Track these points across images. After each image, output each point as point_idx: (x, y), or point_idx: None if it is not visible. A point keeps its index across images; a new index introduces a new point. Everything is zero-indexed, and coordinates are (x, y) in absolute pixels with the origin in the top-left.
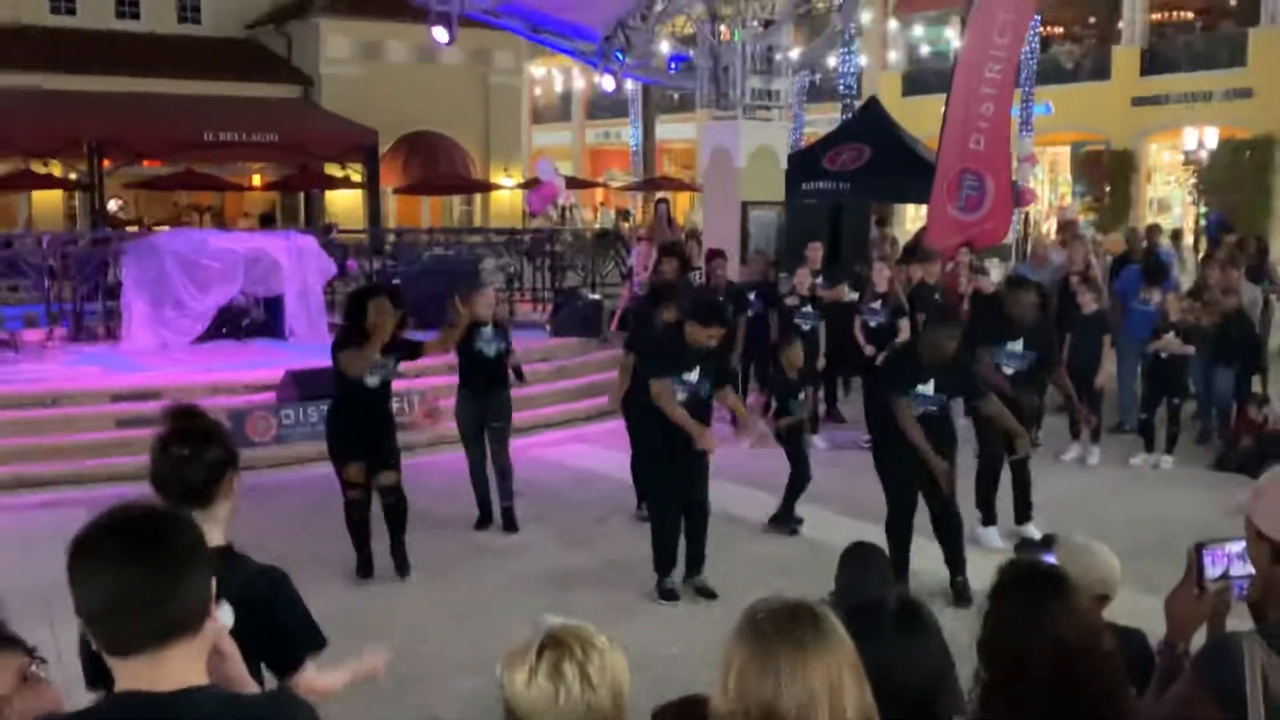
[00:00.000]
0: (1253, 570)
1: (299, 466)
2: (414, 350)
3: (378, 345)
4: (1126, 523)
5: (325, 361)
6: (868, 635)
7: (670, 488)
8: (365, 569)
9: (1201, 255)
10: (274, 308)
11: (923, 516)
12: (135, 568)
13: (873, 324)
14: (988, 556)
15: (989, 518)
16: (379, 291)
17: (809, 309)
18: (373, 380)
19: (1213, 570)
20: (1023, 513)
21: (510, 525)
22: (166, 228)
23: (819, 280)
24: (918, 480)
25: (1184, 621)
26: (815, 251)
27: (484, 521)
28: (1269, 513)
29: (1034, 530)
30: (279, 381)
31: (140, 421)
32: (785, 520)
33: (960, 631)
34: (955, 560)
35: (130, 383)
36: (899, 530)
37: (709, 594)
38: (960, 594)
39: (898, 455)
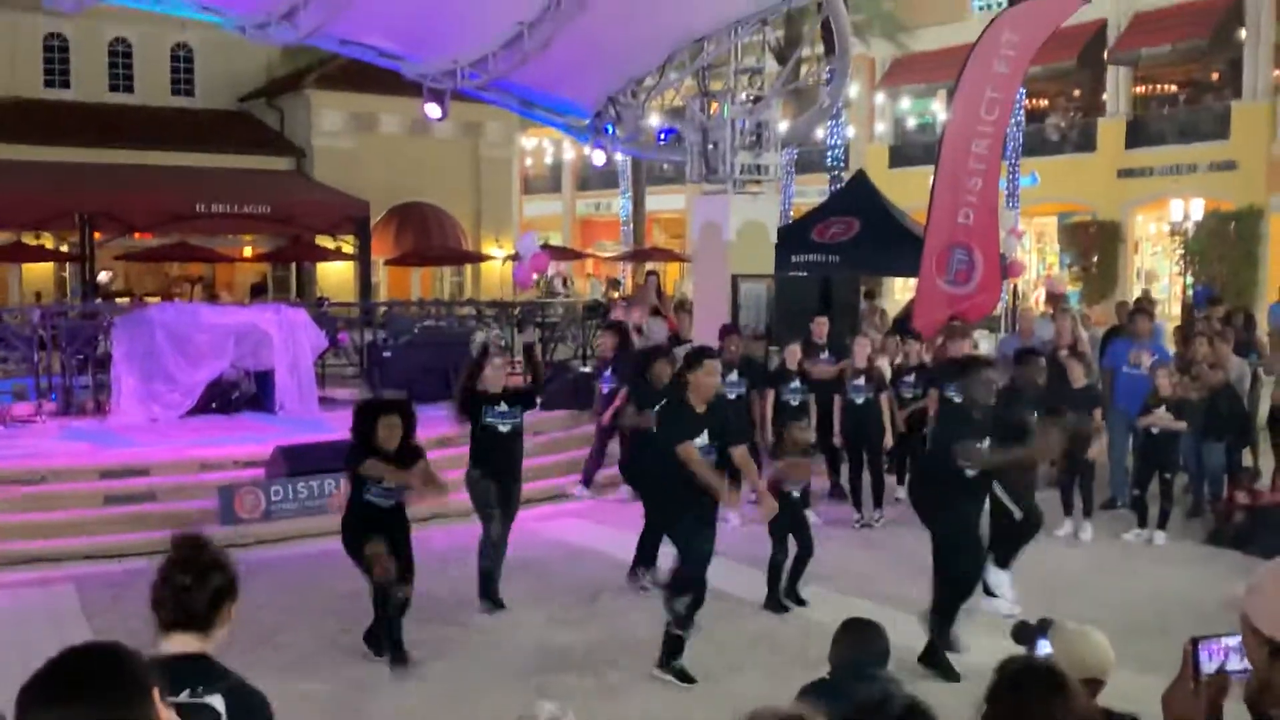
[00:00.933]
0: (1249, 666)
1: (288, 543)
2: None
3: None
4: (1121, 600)
5: (316, 437)
6: None
7: (708, 546)
8: (401, 655)
9: (1176, 327)
10: (264, 382)
11: (904, 588)
12: (79, 706)
13: (859, 401)
14: (983, 631)
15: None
16: (390, 408)
17: (797, 384)
18: (387, 503)
19: (1209, 665)
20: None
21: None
22: (157, 299)
23: (824, 355)
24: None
25: (1181, 718)
26: (821, 326)
27: (488, 594)
28: (1265, 610)
29: (1005, 579)
30: (269, 457)
31: (129, 498)
32: (776, 603)
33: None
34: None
35: (119, 459)
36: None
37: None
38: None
39: (958, 514)
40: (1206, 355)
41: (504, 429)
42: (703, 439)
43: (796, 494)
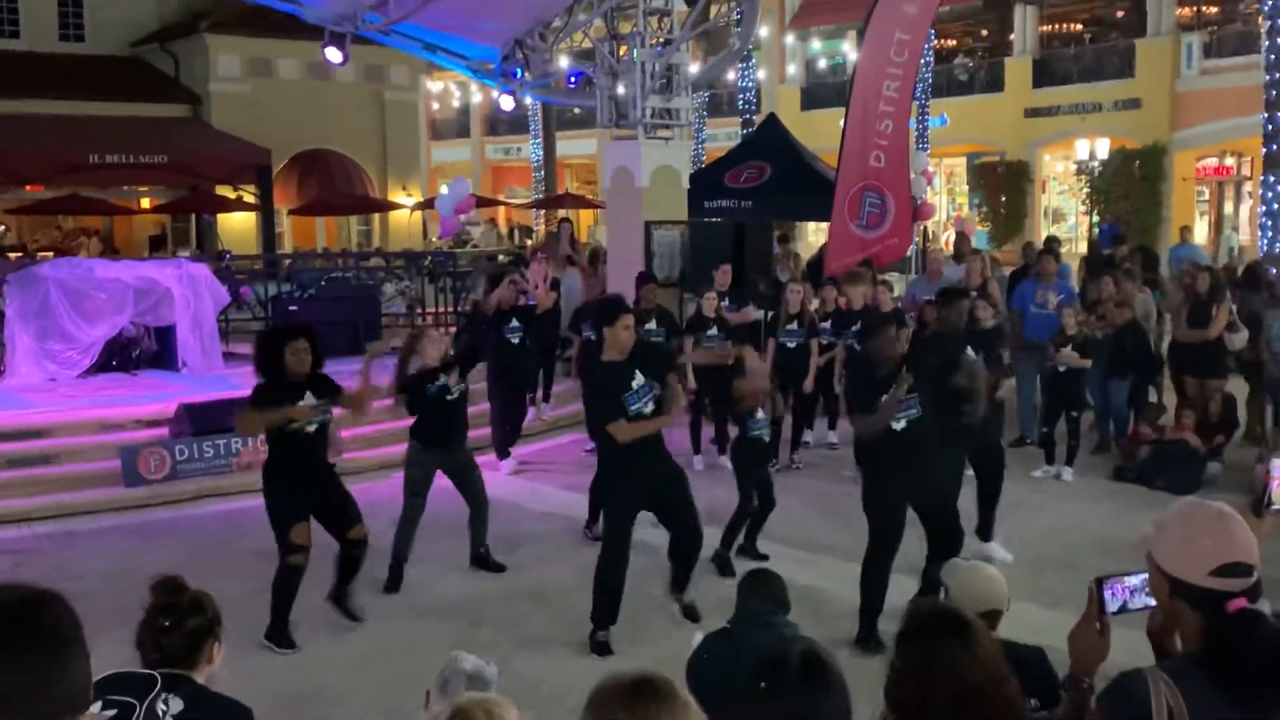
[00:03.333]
0: (1152, 602)
1: (196, 503)
2: (335, 395)
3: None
4: (1029, 536)
5: (221, 394)
6: (771, 693)
7: (626, 531)
8: (288, 638)
9: (1081, 265)
10: (165, 338)
11: (824, 532)
12: (6, 655)
13: (791, 345)
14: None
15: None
16: (295, 333)
17: (714, 332)
18: (311, 428)
19: (1113, 603)
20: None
21: (496, 565)
22: (52, 254)
23: (725, 303)
24: (907, 509)
25: (1087, 656)
26: (724, 275)
27: (394, 585)
28: (1168, 549)
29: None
30: (173, 416)
31: (28, 461)
32: (725, 561)
33: (866, 673)
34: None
35: (16, 421)
36: (879, 571)
37: (694, 615)
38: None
39: (888, 485)
40: (1112, 294)
41: (452, 397)
42: (638, 379)
43: (766, 437)
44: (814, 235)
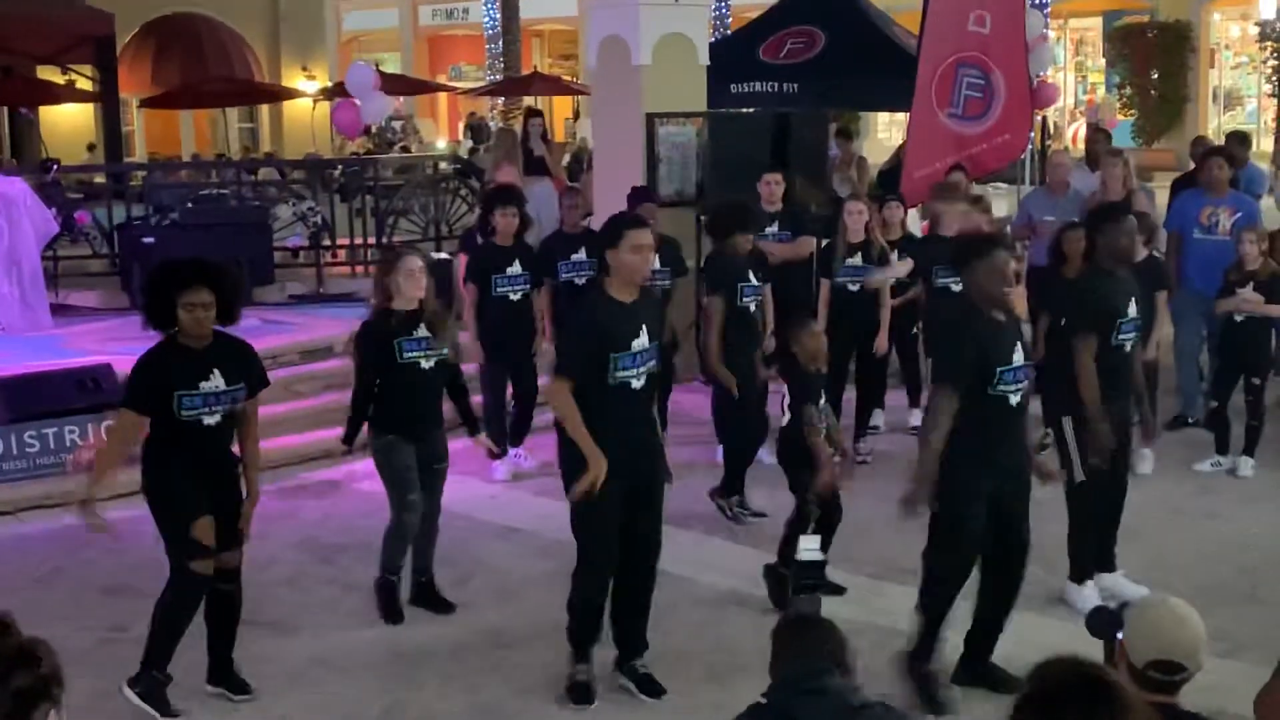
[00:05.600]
0: None
1: (17, 519)
2: (255, 383)
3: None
4: (1194, 557)
5: (50, 363)
6: None
7: (607, 530)
8: (166, 701)
9: None
10: None
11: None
12: None
13: (853, 288)
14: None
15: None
16: (193, 276)
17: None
18: (212, 419)
19: None
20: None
21: (443, 604)
22: None
23: (774, 229)
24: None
25: None
26: (773, 187)
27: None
28: None
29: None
30: None
31: None
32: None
33: None
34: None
35: None
36: (943, 596)
37: (653, 689)
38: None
39: (961, 484)
40: None
41: (427, 365)
42: (641, 340)
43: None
44: (886, 131)
